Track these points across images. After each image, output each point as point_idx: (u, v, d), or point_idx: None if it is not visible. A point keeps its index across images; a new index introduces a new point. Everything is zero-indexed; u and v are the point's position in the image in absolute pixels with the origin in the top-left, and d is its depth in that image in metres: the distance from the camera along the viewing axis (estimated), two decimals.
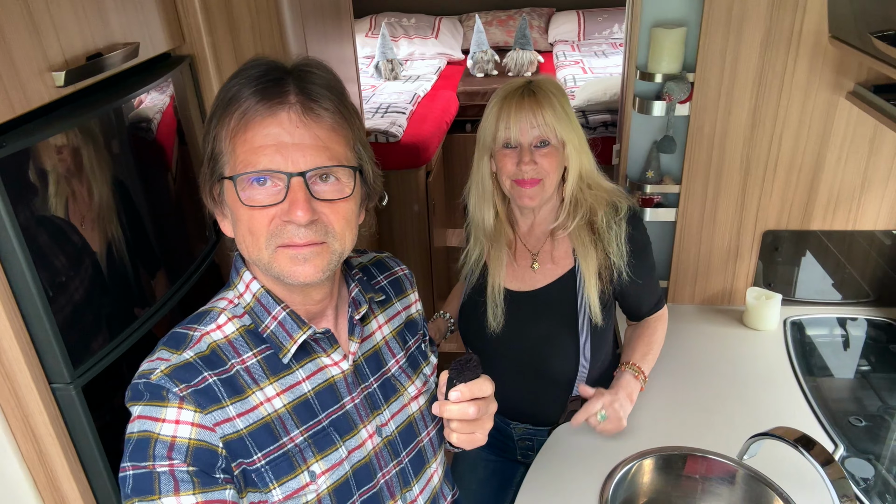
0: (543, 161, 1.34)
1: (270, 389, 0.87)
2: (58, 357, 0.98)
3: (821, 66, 1.55)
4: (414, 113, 3.44)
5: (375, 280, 1.06)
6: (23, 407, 0.99)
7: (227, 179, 0.83)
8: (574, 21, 4.74)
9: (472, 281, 1.50)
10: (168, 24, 1.31)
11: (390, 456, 0.97)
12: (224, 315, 0.89)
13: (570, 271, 1.44)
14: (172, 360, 0.83)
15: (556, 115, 1.33)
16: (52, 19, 0.99)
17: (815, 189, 1.69)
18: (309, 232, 0.81)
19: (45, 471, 1.04)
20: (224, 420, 0.82)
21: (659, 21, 1.64)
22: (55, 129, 0.99)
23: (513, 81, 1.38)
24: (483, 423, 0.92)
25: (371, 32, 4.67)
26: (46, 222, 0.97)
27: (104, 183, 1.10)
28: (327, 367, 0.92)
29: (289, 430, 0.87)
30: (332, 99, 0.84)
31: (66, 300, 1.00)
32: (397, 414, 0.99)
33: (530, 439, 1.54)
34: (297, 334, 0.89)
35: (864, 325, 1.75)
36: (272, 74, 0.82)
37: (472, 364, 0.88)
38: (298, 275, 0.83)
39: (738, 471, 1.32)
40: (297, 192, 0.80)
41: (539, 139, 1.34)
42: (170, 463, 0.78)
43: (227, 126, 0.82)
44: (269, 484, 0.84)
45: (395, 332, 1.04)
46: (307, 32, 1.73)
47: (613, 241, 1.40)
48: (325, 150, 0.82)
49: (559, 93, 1.36)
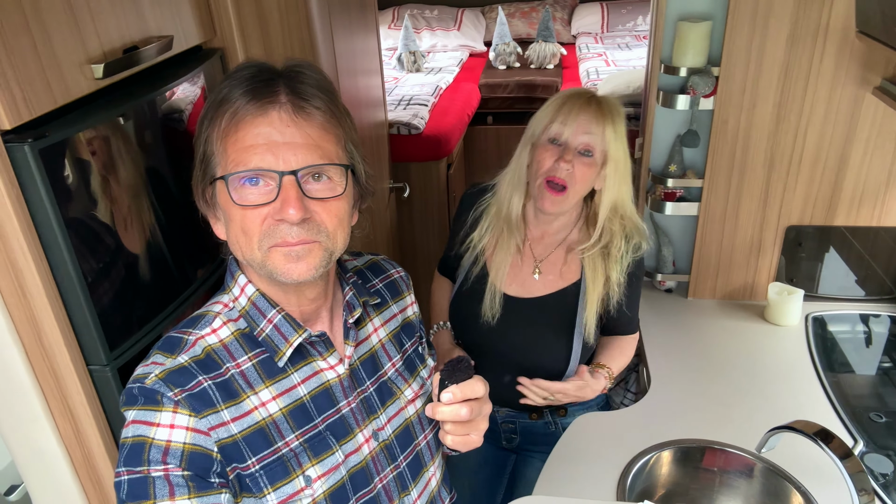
0: (579, 169, 1.34)
1: (266, 393, 0.87)
2: (95, 340, 1.01)
3: (847, 61, 1.54)
4: (436, 105, 3.45)
5: (370, 283, 1.06)
6: (62, 388, 1.02)
7: (220, 180, 0.83)
8: (598, 13, 4.71)
9: (474, 271, 1.50)
10: (200, 17, 1.33)
11: (387, 460, 0.97)
12: (219, 319, 0.89)
13: (570, 288, 1.46)
14: (167, 365, 0.83)
15: (615, 131, 1.35)
16: (91, 13, 1.02)
17: (840, 184, 1.68)
18: (301, 230, 0.81)
19: (82, 449, 1.07)
20: (219, 424, 0.82)
21: (684, 14, 1.64)
22: (94, 120, 1.02)
23: (580, 87, 1.42)
24: (477, 424, 0.92)
25: (394, 24, 4.68)
26: (85, 210, 1.00)
27: (138, 173, 1.13)
28: (323, 370, 0.92)
29: (284, 435, 0.86)
30: (323, 98, 0.84)
31: (104, 286, 1.03)
32: (394, 418, 0.98)
33: (513, 422, 1.57)
34: (292, 337, 0.89)
35: (886, 322, 1.74)
36: (263, 76, 0.83)
37: (464, 365, 0.88)
38: (292, 272, 0.83)
39: (757, 464, 1.33)
40: (289, 191, 0.80)
41: (585, 147, 1.35)
42: (165, 467, 0.78)
43: (218, 127, 0.83)
44: (264, 489, 0.84)
45: (392, 335, 1.04)
46: (333, 24, 1.75)
47: (621, 272, 1.42)
48: (316, 149, 0.82)
49: (621, 114, 1.38)
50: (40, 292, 0.95)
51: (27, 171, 0.90)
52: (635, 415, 1.48)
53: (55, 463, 1.08)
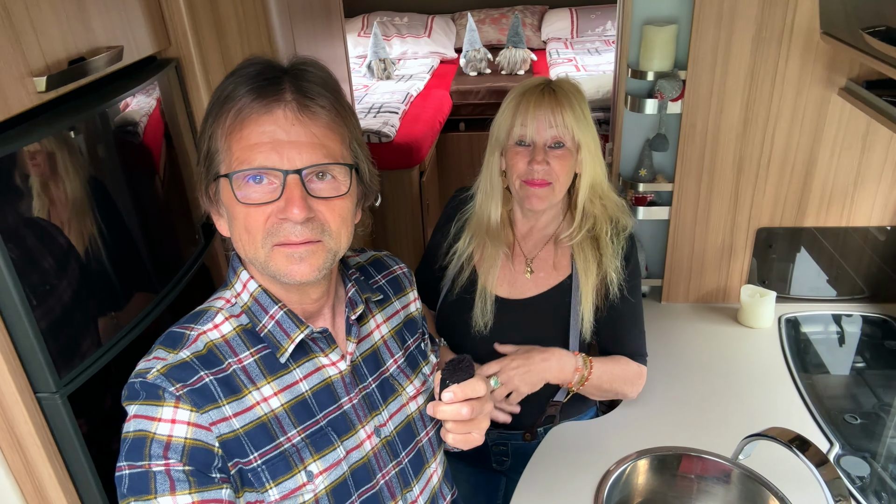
0: (556, 163, 1.30)
1: (267, 389, 0.87)
2: (42, 366, 0.97)
3: (813, 63, 1.54)
4: (407, 112, 3.42)
5: (373, 280, 1.06)
6: (8, 418, 0.97)
7: (223, 178, 0.83)
8: (567, 18, 4.73)
9: (460, 279, 1.44)
10: (153, 26, 1.29)
11: (389, 456, 0.96)
12: (221, 314, 0.89)
13: (563, 282, 1.41)
14: (169, 360, 0.83)
15: (576, 116, 1.29)
16: (33, 24, 0.97)
17: (809, 186, 1.68)
18: (305, 230, 0.81)
19: (32, 480, 1.03)
20: (220, 419, 0.82)
21: (650, 18, 1.63)
22: (38, 135, 0.97)
23: (532, 79, 1.34)
24: (479, 422, 0.92)
25: (363, 32, 4.66)
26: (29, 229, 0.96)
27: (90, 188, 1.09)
28: (325, 367, 0.92)
29: (286, 430, 0.86)
30: (328, 97, 0.83)
31: (51, 308, 0.99)
32: (396, 414, 0.98)
33: (504, 444, 1.50)
34: (294, 333, 0.88)
35: (859, 322, 1.74)
36: (268, 73, 0.82)
37: (465, 364, 0.89)
38: (294, 273, 0.83)
39: (734, 470, 1.32)
40: (293, 190, 0.80)
41: (554, 140, 1.30)
42: (166, 462, 0.78)
43: (223, 124, 0.82)
44: (266, 484, 0.84)
45: (394, 332, 1.04)
46: (296, 33, 1.71)
47: (613, 256, 1.36)
48: (320, 148, 0.82)
49: (579, 95, 1.33)
50: None
51: None
52: (611, 423, 1.46)
53: (5, 497, 1.03)
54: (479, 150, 3.90)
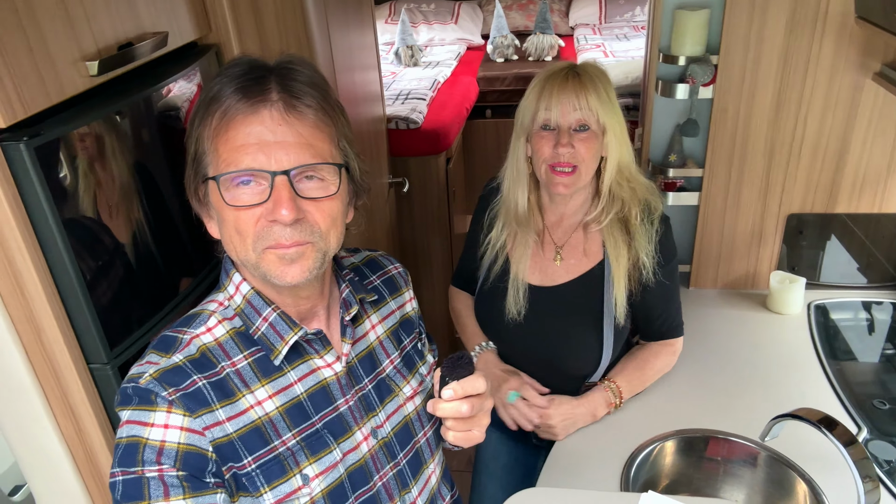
0: (581, 146, 1.30)
1: (262, 392, 0.86)
2: (95, 339, 1.01)
3: (847, 47, 1.53)
4: (434, 99, 3.43)
5: (368, 280, 1.05)
6: (62, 387, 1.02)
7: (211, 180, 0.82)
8: (595, 4, 4.69)
9: (494, 268, 1.47)
10: (195, 13, 1.32)
11: (387, 458, 0.96)
12: (214, 318, 0.89)
13: (595, 268, 1.41)
14: (161, 364, 0.82)
15: (600, 99, 1.30)
16: (86, 10, 1.01)
17: (841, 172, 1.67)
18: (294, 232, 0.81)
19: (84, 447, 1.07)
20: (214, 424, 0.81)
21: (682, 3, 1.63)
22: (89, 118, 1.01)
23: (556, 63, 1.35)
24: (479, 419, 0.91)
25: (391, 19, 4.67)
26: (82, 208, 1.00)
27: (134, 171, 1.13)
28: (320, 368, 0.92)
29: (281, 434, 0.86)
30: (315, 95, 0.82)
31: (103, 284, 1.03)
32: (393, 415, 0.98)
33: None
34: (288, 335, 0.88)
35: (889, 309, 1.73)
36: (254, 73, 0.81)
37: (465, 361, 0.87)
38: (286, 275, 0.82)
39: (760, 453, 1.33)
40: (282, 191, 0.79)
41: (579, 123, 1.30)
42: (159, 468, 0.78)
43: (209, 126, 0.81)
44: (261, 488, 0.83)
45: (390, 332, 1.03)
46: (329, 20, 1.74)
47: (645, 240, 1.37)
48: (308, 148, 0.80)
49: (604, 78, 1.33)
50: (39, 291, 0.95)
51: (23, 170, 0.90)
52: (638, 406, 1.48)
53: (58, 462, 1.08)
54: (505, 137, 3.88)
